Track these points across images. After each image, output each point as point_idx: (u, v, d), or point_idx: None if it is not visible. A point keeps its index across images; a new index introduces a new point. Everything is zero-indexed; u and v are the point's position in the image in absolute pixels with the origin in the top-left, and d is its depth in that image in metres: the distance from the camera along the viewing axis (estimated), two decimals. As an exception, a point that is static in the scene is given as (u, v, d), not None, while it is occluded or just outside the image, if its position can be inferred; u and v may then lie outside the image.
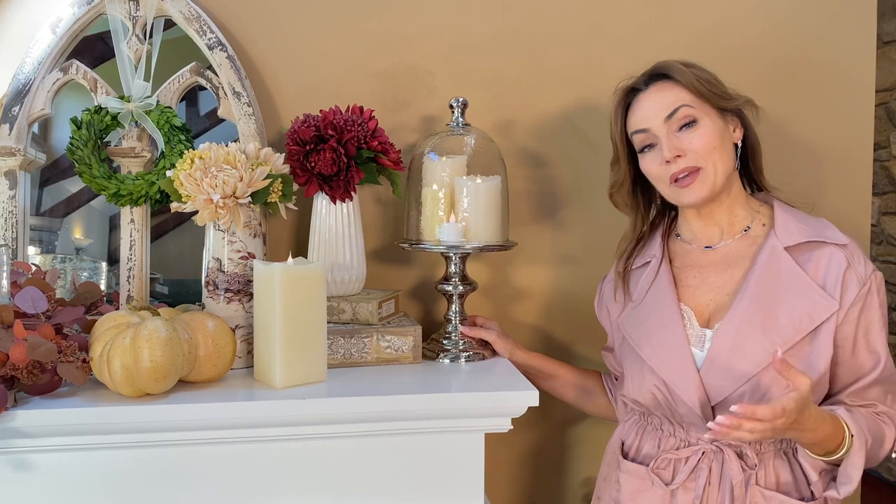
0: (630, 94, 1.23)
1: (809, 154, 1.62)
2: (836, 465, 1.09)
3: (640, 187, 1.28)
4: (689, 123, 1.16)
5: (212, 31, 1.36)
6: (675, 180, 1.17)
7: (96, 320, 1.11)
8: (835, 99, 1.62)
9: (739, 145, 1.22)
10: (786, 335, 1.11)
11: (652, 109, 1.19)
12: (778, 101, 1.57)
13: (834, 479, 1.10)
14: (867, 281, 1.13)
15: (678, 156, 1.15)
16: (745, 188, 1.26)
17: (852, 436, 1.06)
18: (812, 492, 1.14)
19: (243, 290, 1.19)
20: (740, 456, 1.15)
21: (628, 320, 1.27)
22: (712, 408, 1.14)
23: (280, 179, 1.20)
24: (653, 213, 1.32)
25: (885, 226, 3.53)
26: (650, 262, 1.28)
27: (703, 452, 1.16)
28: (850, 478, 1.06)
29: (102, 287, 1.38)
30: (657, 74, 1.21)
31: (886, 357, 1.14)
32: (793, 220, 1.19)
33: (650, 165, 1.20)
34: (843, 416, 1.07)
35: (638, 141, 1.22)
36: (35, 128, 1.35)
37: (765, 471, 1.14)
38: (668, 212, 1.33)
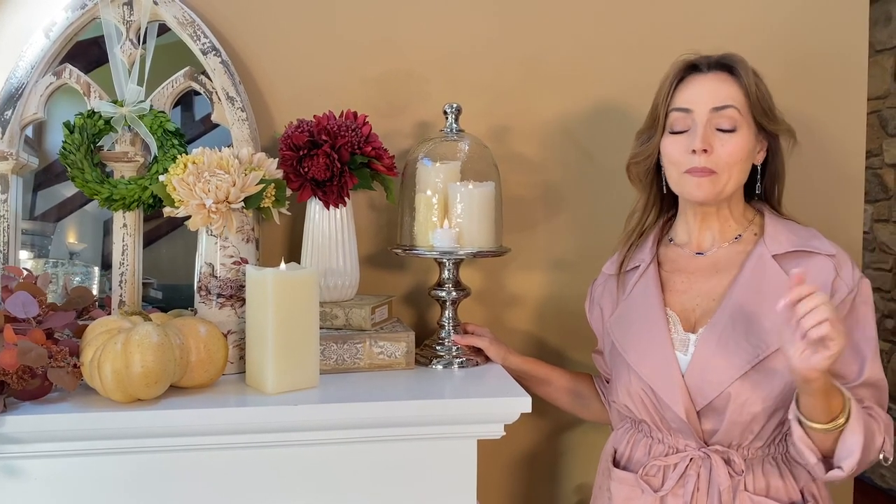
0: (687, 70, 1.21)
1: (802, 161, 1.62)
2: (830, 456, 1.07)
3: (657, 166, 1.26)
4: (730, 127, 1.16)
5: (206, 36, 1.36)
6: (689, 170, 1.17)
7: (88, 325, 1.10)
8: (828, 107, 1.62)
9: (759, 167, 1.22)
10: (769, 340, 1.11)
11: (704, 95, 1.17)
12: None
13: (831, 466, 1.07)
14: (854, 288, 1.13)
15: (705, 150, 1.15)
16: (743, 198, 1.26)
17: (849, 399, 1.03)
18: (802, 493, 1.14)
19: (236, 295, 1.19)
20: (727, 462, 1.15)
21: (616, 324, 1.28)
22: (697, 413, 1.15)
23: (273, 184, 1.20)
24: (653, 215, 1.31)
25: (877, 233, 3.54)
26: (640, 266, 1.28)
27: (691, 459, 1.16)
28: (851, 450, 1.02)
29: (95, 292, 1.37)
30: (723, 64, 1.19)
31: (873, 361, 1.13)
32: (782, 230, 1.20)
33: (674, 148, 1.19)
34: (838, 384, 1.05)
35: (674, 119, 1.20)
36: (28, 132, 1.35)
37: (753, 476, 1.14)
38: (663, 213, 1.33)
